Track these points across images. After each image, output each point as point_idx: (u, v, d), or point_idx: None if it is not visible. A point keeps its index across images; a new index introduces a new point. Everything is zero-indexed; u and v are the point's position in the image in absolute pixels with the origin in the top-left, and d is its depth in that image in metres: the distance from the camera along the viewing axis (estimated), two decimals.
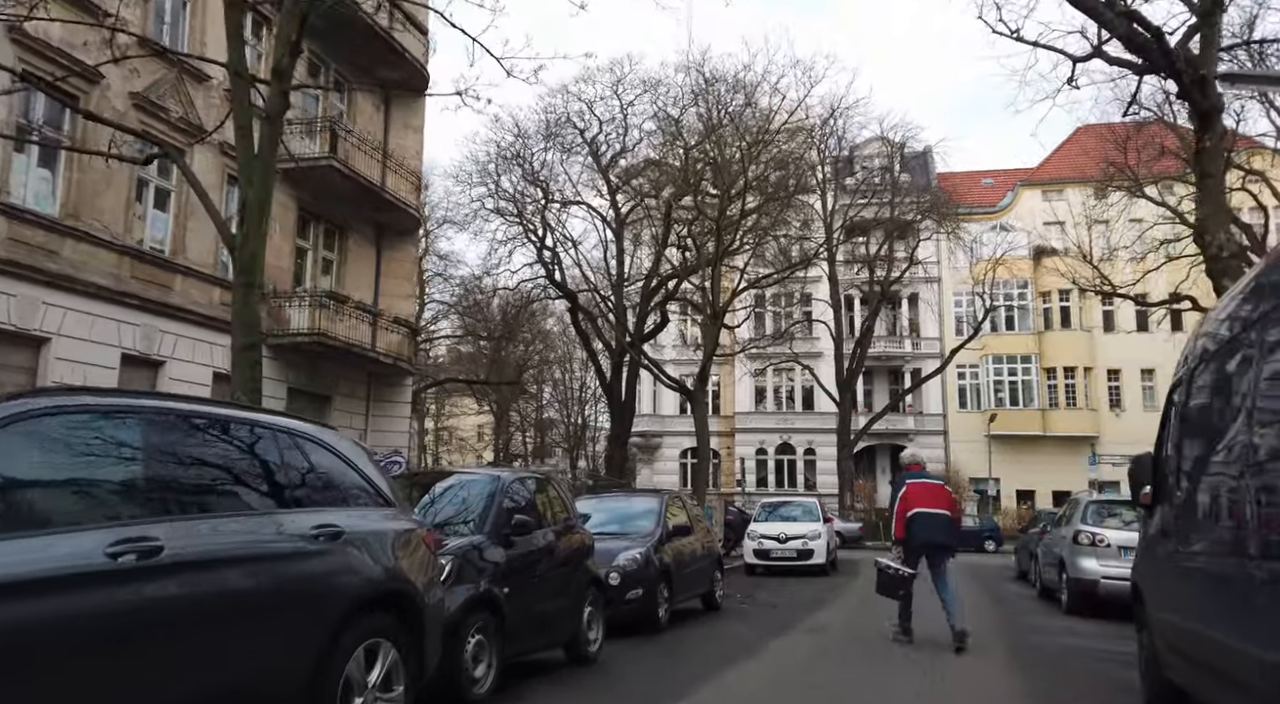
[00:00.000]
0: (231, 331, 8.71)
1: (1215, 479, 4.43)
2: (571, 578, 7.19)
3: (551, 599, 6.79)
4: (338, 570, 3.89)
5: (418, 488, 7.11)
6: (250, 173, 7.67)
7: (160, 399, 3.89)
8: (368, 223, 20.33)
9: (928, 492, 8.80)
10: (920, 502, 8.69)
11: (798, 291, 37.25)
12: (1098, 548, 11.53)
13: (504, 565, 6.16)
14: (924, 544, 8.70)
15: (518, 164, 25.45)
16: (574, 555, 7.34)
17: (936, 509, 8.67)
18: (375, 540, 4.20)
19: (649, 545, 9.42)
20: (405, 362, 20.57)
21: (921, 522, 8.63)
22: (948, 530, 8.73)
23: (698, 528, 11.40)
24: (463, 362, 46.15)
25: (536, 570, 6.66)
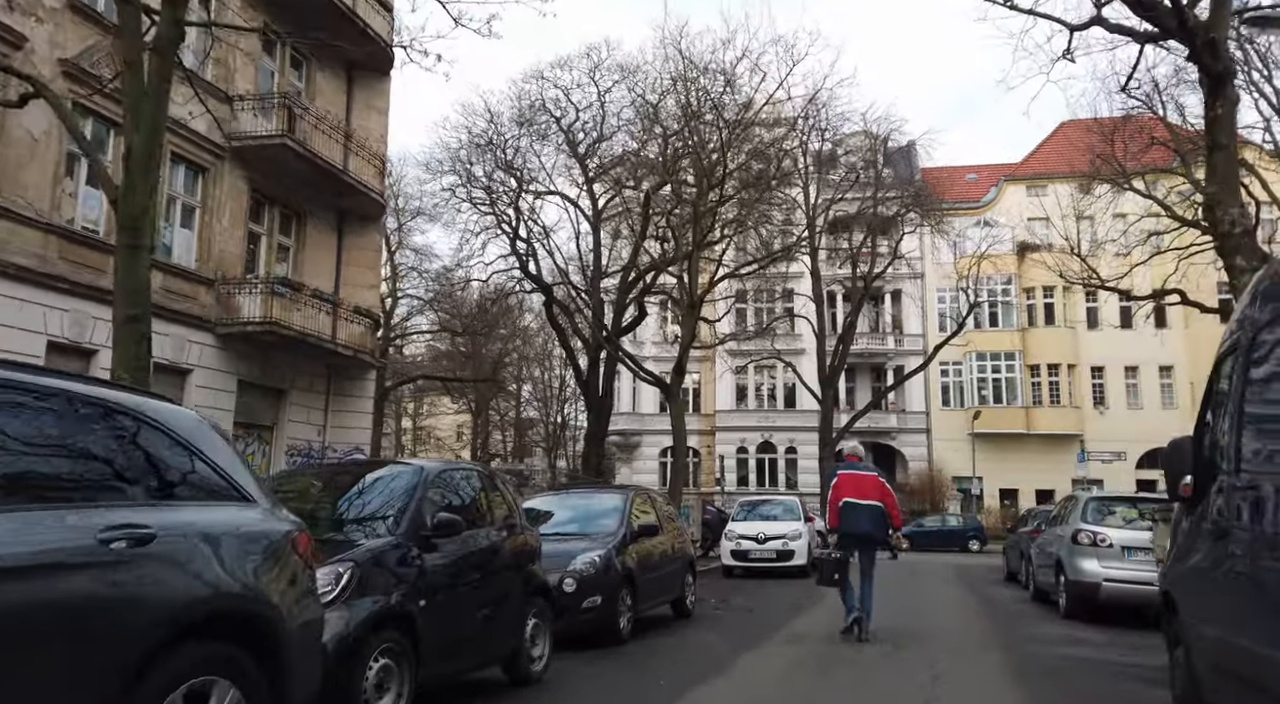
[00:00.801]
0: (114, 301, 7.61)
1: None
2: (512, 586, 6.14)
3: (486, 611, 5.74)
4: (141, 586, 2.83)
5: (329, 482, 6.06)
6: (138, 114, 6.61)
7: None
8: (328, 208, 19.19)
9: (855, 482, 8.80)
10: (848, 492, 8.71)
11: (779, 287, 36.33)
12: (1099, 548, 10.61)
13: (424, 573, 5.11)
14: (851, 533, 8.70)
15: (490, 151, 24.37)
16: (516, 560, 6.29)
17: (864, 500, 8.66)
18: (208, 546, 3.14)
19: (610, 547, 8.40)
20: (368, 354, 19.45)
21: (849, 512, 8.66)
22: (875, 521, 8.68)
23: (668, 528, 10.39)
24: (440, 360, 44.98)
25: (467, 578, 5.62)
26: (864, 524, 8.65)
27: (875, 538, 8.79)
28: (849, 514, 8.67)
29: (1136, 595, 10.37)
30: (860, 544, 8.77)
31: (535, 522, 9.36)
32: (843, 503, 8.71)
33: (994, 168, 40.47)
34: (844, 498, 8.72)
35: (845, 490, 8.75)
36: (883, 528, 8.78)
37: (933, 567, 21.61)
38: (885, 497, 8.83)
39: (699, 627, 9.82)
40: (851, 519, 8.66)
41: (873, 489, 8.77)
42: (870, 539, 8.76)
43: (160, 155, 7.91)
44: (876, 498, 8.73)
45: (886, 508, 8.78)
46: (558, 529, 9.06)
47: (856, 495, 8.70)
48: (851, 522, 8.67)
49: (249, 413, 17.05)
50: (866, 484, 8.81)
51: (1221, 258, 10.17)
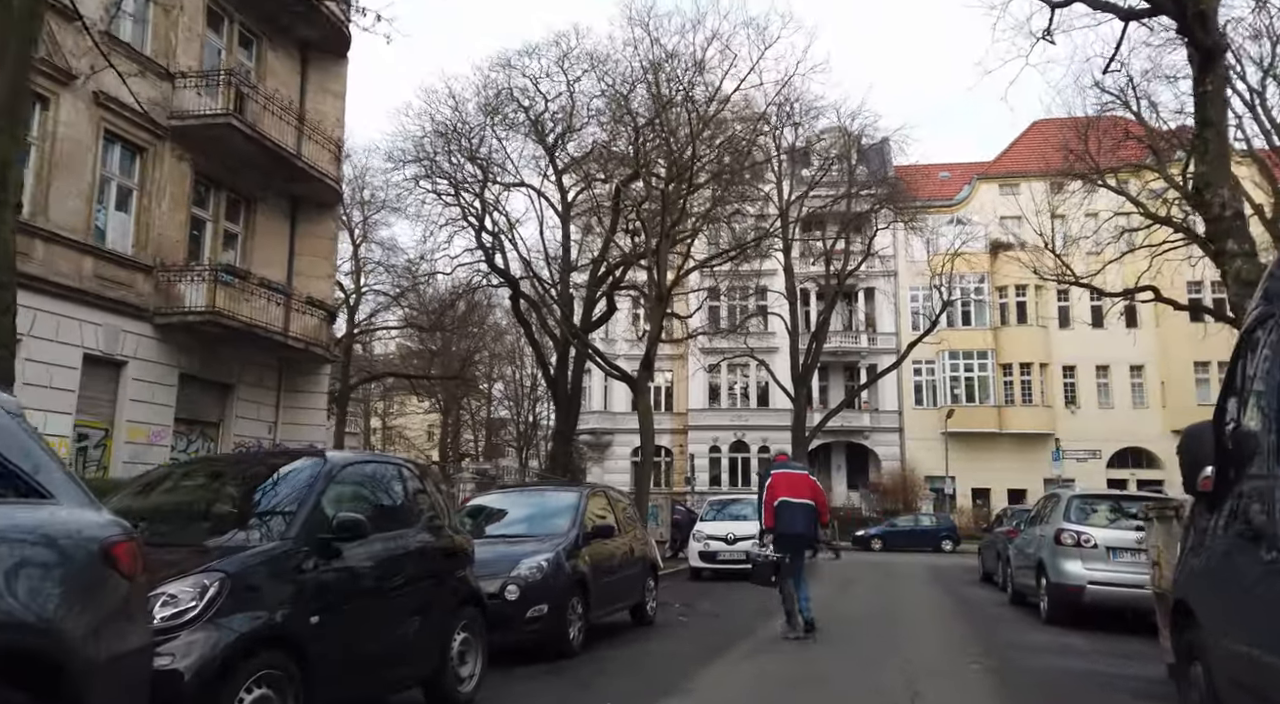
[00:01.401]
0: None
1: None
2: (436, 596, 5.32)
3: (402, 626, 4.93)
4: None
5: (218, 475, 5.21)
6: (3, 47, 5.69)
7: None
8: (280, 195, 18.21)
9: (789, 481, 8.86)
10: (783, 491, 8.77)
11: (753, 284, 35.68)
12: (1083, 549, 9.99)
13: (321, 583, 4.29)
14: (788, 533, 8.75)
15: (455, 139, 23.45)
16: (441, 566, 5.48)
17: (798, 499, 8.75)
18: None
19: (560, 550, 7.60)
20: (322, 347, 18.48)
21: (785, 511, 8.72)
22: (810, 520, 8.80)
23: (628, 528, 9.61)
24: (411, 358, 43.89)
25: (378, 587, 4.81)
26: (799, 523, 8.73)
27: (809, 536, 8.93)
28: (785, 513, 8.72)
29: (1122, 598, 9.77)
30: (796, 543, 8.84)
31: (481, 522, 8.55)
32: (778, 502, 8.73)
33: (967, 166, 40.15)
34: (780, 497, 8.75)
35: (780, 490, 8.79)
36: (814, 526, 8.90)
37: (907, 567, 21.03)
38: (817, 495, 8.96)
39: (659, 635, 9.04)
40: (788, 518, 8.72)
41: (806, 488, 8.88)
42: (805, 538, 8.88)
43: (28, 101, 6.99)
44: (809, 496, 8.84)
45: (818, 506, 8.88)
46: (504, 530, 8.26)
47: (791, 494, 8.75)
48: (788, 521, 8.72)
49: (192, 409, 16.07)
50: (800, 483, 8.89)
51: (1210, 243, 9.61)
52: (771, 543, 8.89)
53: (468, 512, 8.78)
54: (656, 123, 22.49)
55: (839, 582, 16.48)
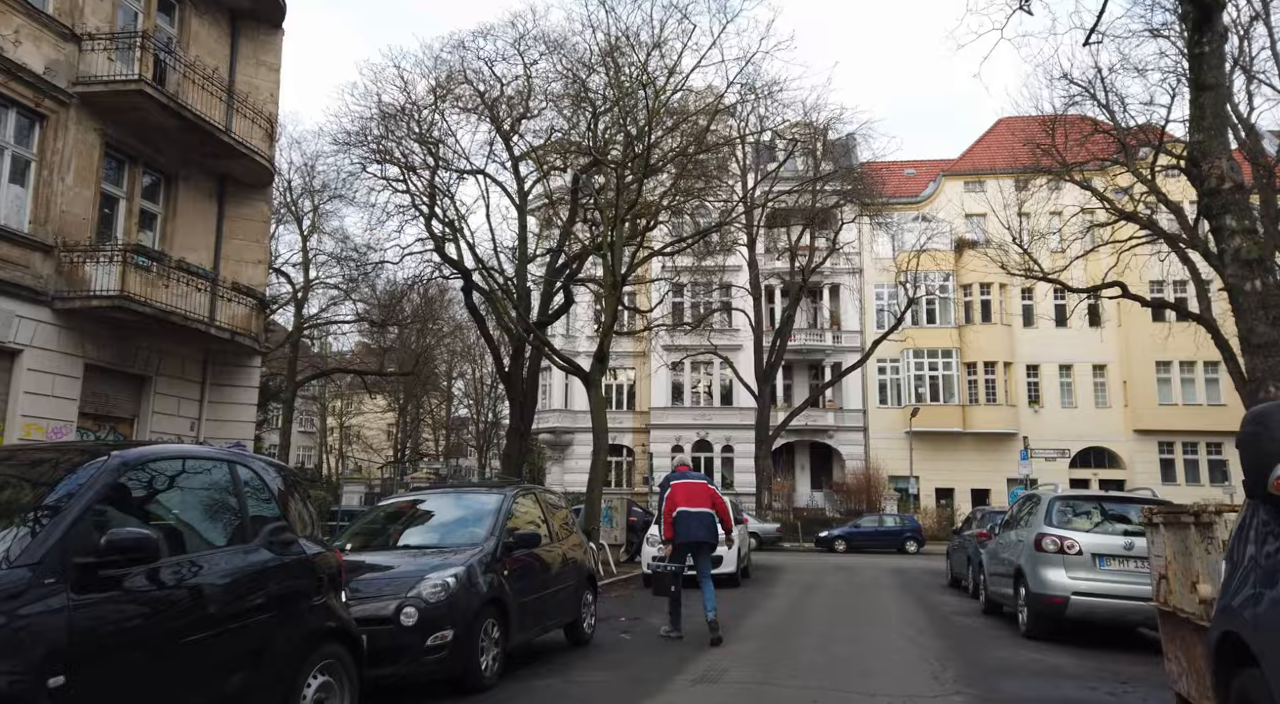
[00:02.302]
0: None
1: None
2: (277, 633, 4.07)
3: (214, 678, 3.68)
4: None
5: None
6: None
7: None
8: (206, 173, 16.74)
9: (689, 491, 8.88)
10: (682, 500, 8.81)
11: (716, 280, 34.65)
12: (1067, 556, 8.97)
13: (74, 626, 3.04)
14: (686, 542, 8.78)
15: (402, 121, 22.05)
16: (289, 594, 4.23)
17: (698, 508, 8.78)
18: None
19: (472, 563, 6.37)
20: (252, 338, 17.01)
21: (683, 521, 8.73)
22: (709, 528, 8.83)
23: (563, 535, 8.40)
24: (371, 356, 42.21)
25: (174, 630, 3.54)
26: (697, 531, 8.73)
27: (709, 543, 8.89)
28: (683, 522, 8.71)
29: (1110, 611, 8.78)
30: (695, 550, 8.83)
31: (384, 530, 7.30)
32: (677, 512, 8.72)
33: (932, 163, 39.51)
34: (678, 507, 8.75)
35: (679, 500, 8.79)
36: (714, 533, 8.89)
37: (871, 571, 20.06)
38: (717, 503, 8.95)
39: (594, 659, 7.84)
40: (685, 527, 8.71)
41: (704, 497, 8.87)
42: (704, 544, 8.85)
43: None
44: (707, 504, 8.84)
45: (718, 514, 8.92)
46: (411, 540, 7.01)
47: (689, 504, 8.76)
48: (685, 530, 8.71)
49: (101, 403, 14.57)
50: (698, 492, 8.88)
51: (1208, 220, 8.66)
52: (670, 553, 8.90)
53: (369, 519, 7.52)
54: (615, 110, 21.31)
55: (800, 587, 15.42)
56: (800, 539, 30.83)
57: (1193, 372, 35.23)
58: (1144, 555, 8.71)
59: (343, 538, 7.06)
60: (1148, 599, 8.57)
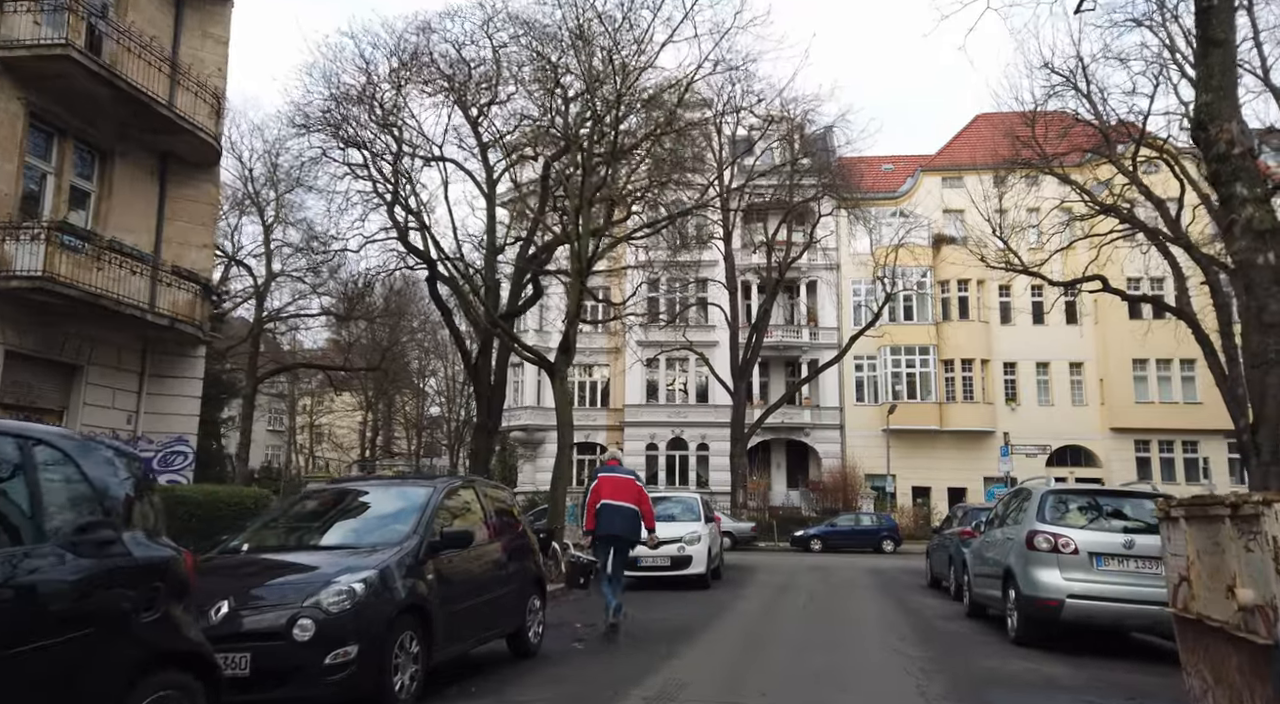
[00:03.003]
0: None
1: None
2: (85, 661, 3.11)
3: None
4: None
5: None
6: None
7: None
8: (146, 149, 15.63)
9: (614, 485, 8.86)
10: (607, 494, 8.78)
11: (692, 275, 33.82)
12: (1061, 555, 8.17)
13: None
14: (606, 535, 8.74)
15: (364, 103, 20.97)
16: (103, 610, 3.25)
17: (621, 502, 8.75)
18: None
19: (387, 566, 5.42)
20: (195, 326, 15.90)
21: (605, 514, 8.71)
22: (631, 523, 8.79)
23: (506, 532, 7.45)
24: (342, 353, 40.92)
25: None
26: (618, 525, 8.71)
27: (628, 538, 8.85)
28: (605, 516, 8.70)
29: (1109, 615, 7.99)
30: (615, 544, 8.79)
31: (293, 527, 6.32)
32: (600, 505, 8.72)
33: (910, 159, 38.92)
34: (602, 500, 8.75)
35: (604, 493, 8.78)
36: (636, 528, 8.84)
37: (848, 570, 19.27)
38: (641, 499, 8.90)
39: (537, 673, 6.91)
40: (606, 521, 8.68)
41: (629, 492, 8.83)
42: (623, 539, 8.81)
43: None
44: (632, 500, 8.80)
45: (641, 510, 8.85)
46: (323, 538, 6.04)
47: (614, 497, 8.74)
48: (606, 523, 8.68)
49: (23, 393, 13.43)
50: (624, 487, 8.85)
51: (1215, 188, 7.90)
52: (590, 544, 8.89)
53: (276, 513, 6.53)
54: (585, 94, 20.37)
55: (773, 588, 14.58)
56: (776, 538, 30.05)
57: (1169, 369, 34.86)
58: (1146, 554, 7.92)
59: (243, 535, 6.09)
60: (1151, 602, 7.78)
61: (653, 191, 23.07)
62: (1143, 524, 8.32)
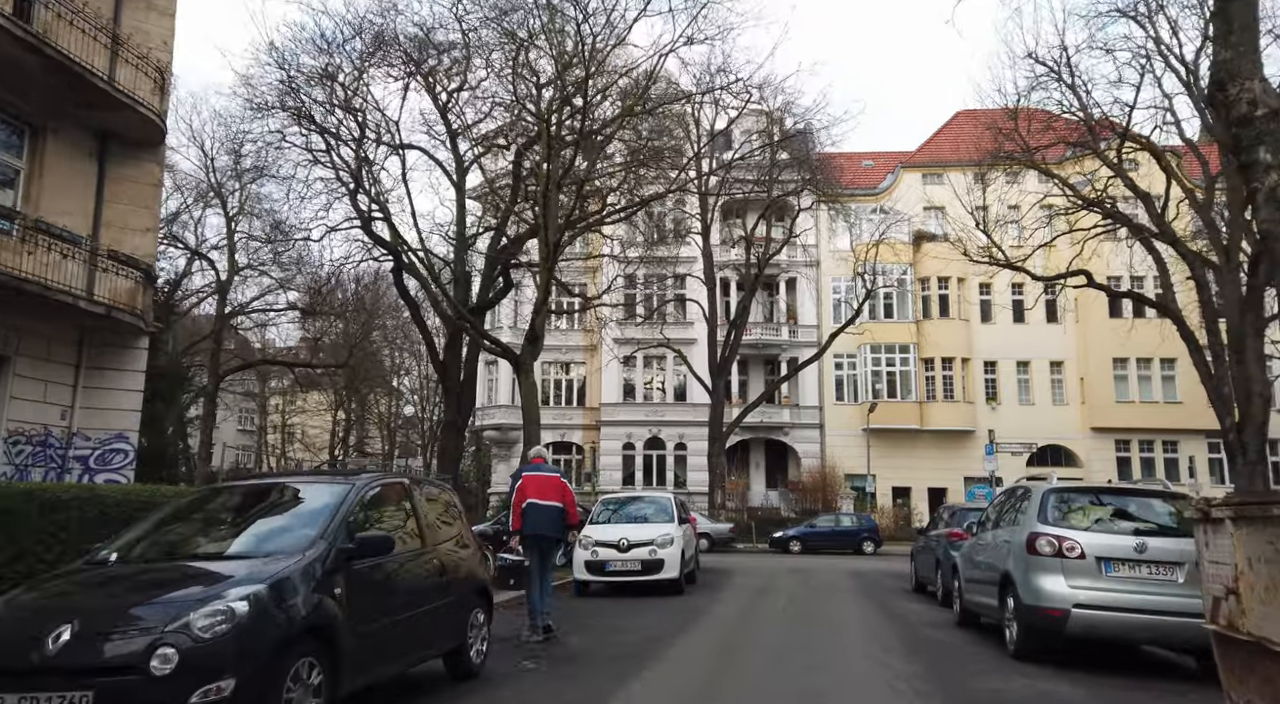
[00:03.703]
0: None
1: None
2: None
3: None
4: None
5: None
6: None
7: None
8: (83, 126, 14.52)
9: (538, 484, 8.77)
10: (532, 493, 8.69)
11: (670, 272, 32.96)
12: (1066, 560, 7.34)
13: None
14: (531, 535, 8.65)
15: (325, 85, 19.89)
16: None
17: (547, 501, 8.67)
18: None
19: (283, 578, 4.46)
20: (135, 315, 14.80)
21: (531, 513, 8.63)
22: (556, 522, 8.72)
23: (446, 538, 6.50)
24: (319, 352, 39.62)
25: None
26: (543, 524, 8.61)
27: (553, 537, 8.77)
28: (530, 515, 8.59)
29: (1118, 627, 7.17)
30: (540, 543, 8.70)
31: (172, 534, 5.32)
32: (526, 504, 8.63)
33: (890, 155, 38.29)
34: (528, 499, 8.64)
35: (529, 492, 8.67)
36: (561, 527, 8.75)
37: (828, 573, 18.44)
38: (565, 497, 8.80)
39: (476, 697, 5.95)
40: (532, 520, 8.57)
41: (554, 490, 8.74)
42: (549, 539, 8.74)
43: None
44: (557, 499, 8.72)
45: (566, 508, 8.76)
46: (208, 548, 5.05)
47: (539, 496, 8.63)
48: (532, 522, 8.57)
49: None
50: (549, 486, 8.75)
51: (1236, 154, 7.12)
52: (517, 544, 8.76)
53: (157, 518, 5.48)
54: (557, 81, 19.42)
55: (751, 592, 13.72)
56: (754, 540, 29.22)
57: (1149, 368, 34.43)
58: (1160, 559, 7.12)
59: (114, 543, 5.08)
60: (1166, 612, 6.98)
61: (629, 182, 22.19)
62: (1154, 526, 7.53)
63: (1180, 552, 7.18)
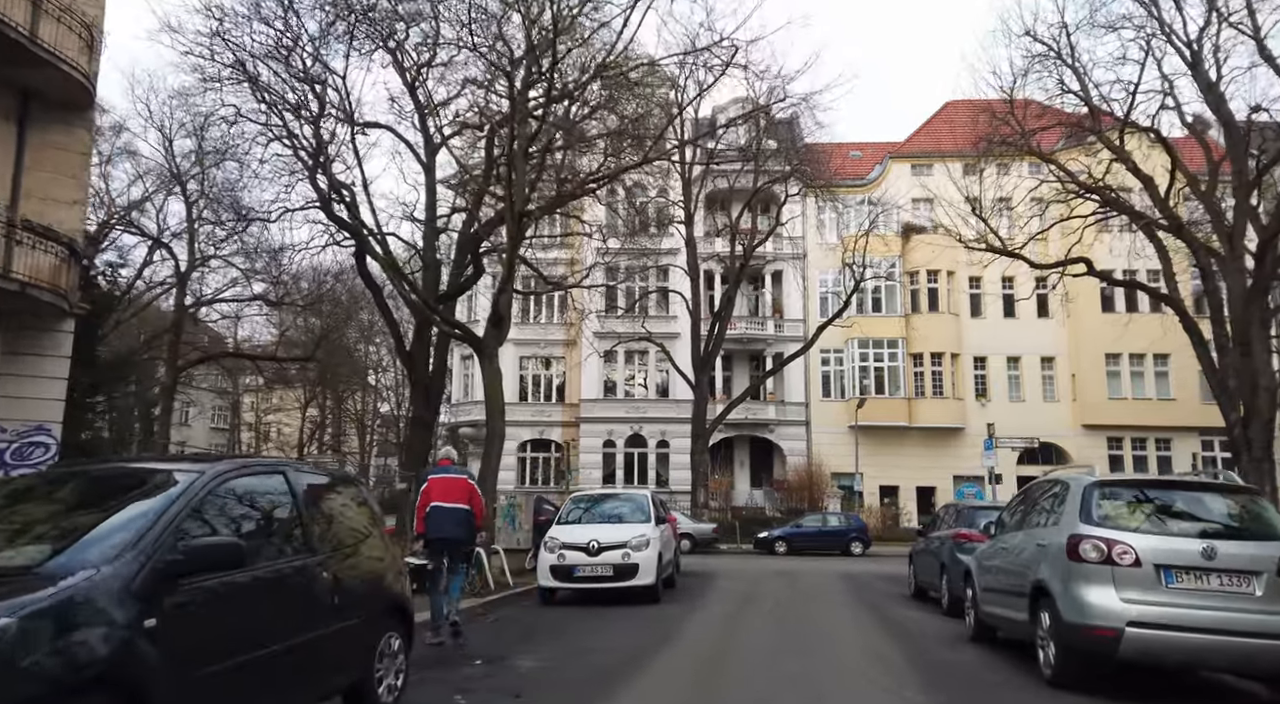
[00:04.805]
0: None
1: None
2: None
3: None
4: None
5: None
6: None
7: None
8: (1, 84, 13.00)
9: (444, 486, 8.41)
10: (437, 495, 8.35)
11: (653, 262, 31.58)
12: (1118, 568, 5.99)
13: None
14: (436, 539, 8.30)
15: (280, 57, 18.36)
16: None
17: (452, 503, 8.32)
18: None
19: (55, 605, 3.01)
20: (58, 294, 13.26)
21: (435, 516, 8.28)
22: (461, 525, 8.33)
23: (339, 542, 5.04)
24: (284, 346, 37.93)
25: None
26: (449, 528, 8.29)
27: (460, 540, 8.46)
28: (434, 518, 8.29)
29: (1186, 650, 5.83)
30: (447, 547, 8.36)
31: None
32: (430, 507, 8.34)
33: (878, 146, 37.05)
34: (432, 502, 8.34)
35: (434, 494, 8.38)
36: (467, 530, 8.46)
37: (817, 577, 17.08)
38: (473, 499, 8.50)
39: None
40: (436, 524, 8.27)
41: (461, 492, 8.44)
42: (454, 542, 8.40)
43: None
44: (464, 500, 8.42)
45: (473, 510, 8.45)
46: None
47: (444, 499, 8.33)
48: (436, 526, 8.27)
49: None
50: (455, 487, 8.45)
51: None
52: (423, 548, 8.46)
53: None
54: (533, 52, 17.96)
55: (735, 600, 12.33)
56: (738, 540, 27.85)
57: (1142, 364, 33.36)
58: (1233, 567, 5.80)
59: None
60: (1243, 633, 5.64)
61: (608, 166, 20.75)
62: (1219, 526, 6.20)
63: (1255, 557, 5.87)
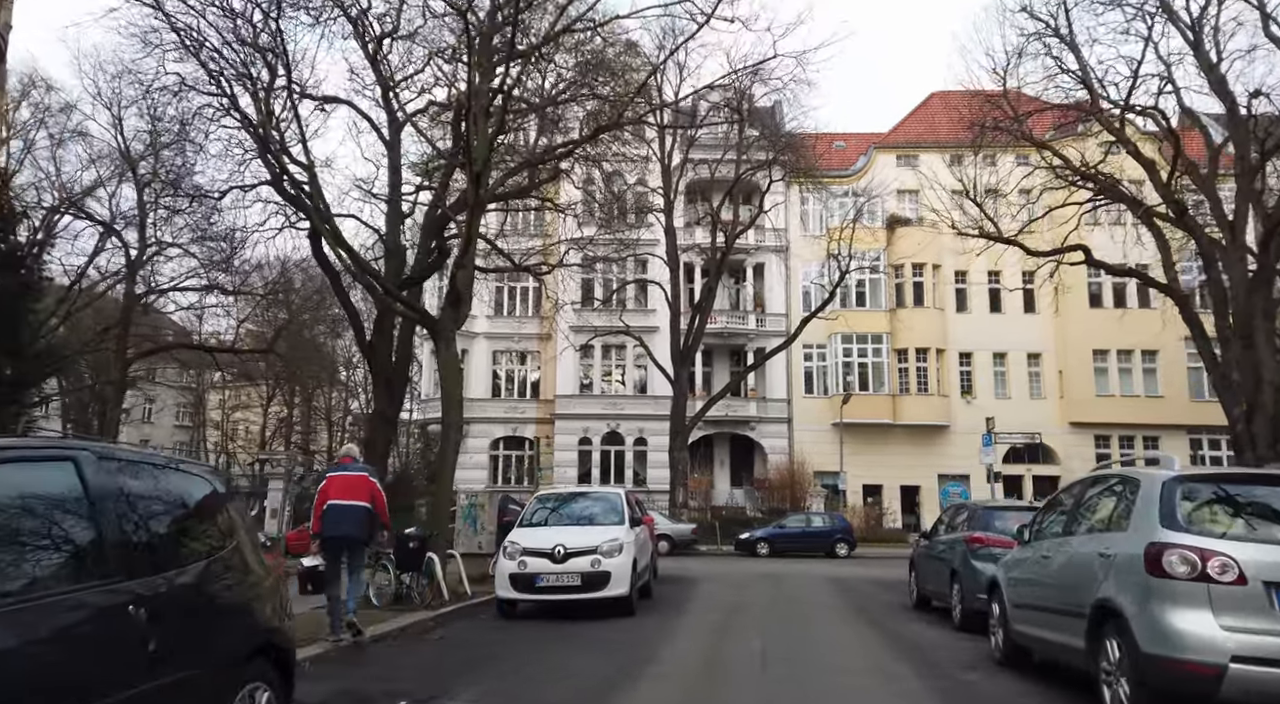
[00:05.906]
0: None
1: None
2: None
3: None
4: None
5: None
6: None
7: None
8: None
9: (342, 484, 8.13)
10: (334, 494, 8.09)
11: (631, 251, 30.14)
12: (1215, 586, 4.63)
13: None
14: (332, 537, 8.05)
15: (226, 18, 16.68)
16: None
17: (350, 501, 8.04)
18: None
19: None
20: None
21: (331, 515, 8.03)
22: (359, 523, 8.05)
23: (172, 560, 3.57)
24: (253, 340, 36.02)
25: None
26: (345, 526, 7.96)
27: (358, 538, 8.08)
28: (330, 517, 7.98)
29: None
30: (345, 545, 8.01)
31: None
32: (327, 505, 8.02)
33: (862, 136, 35.87)
34: (329, 500, 8.03)
35: (331, 493, 8.06)
36: (367, 528, 8.10)
37: (804, 581, 15.72)
38: (375, 497, 8.15)
39: None
40: (332, 522, 7.96)
41: (360, 491, 8.07)
42: (351, 540, 8.02)
43: None
44: (365, 499, 8.07)
45: (375, 508, 8.12)
46: None
47: (342, 497, 7.99)
48: (332, 525, 7.96)
49: None
50: (356, 485, 8.10)
51: None
52: (319, 547, 8.21)
53: None
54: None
55: (720, 611, 10.92)
56: (719, 541, 26.48)
57: (1130, 361, 32.41)
58: None
59: None
60: None
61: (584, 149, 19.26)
62: None
63: None
